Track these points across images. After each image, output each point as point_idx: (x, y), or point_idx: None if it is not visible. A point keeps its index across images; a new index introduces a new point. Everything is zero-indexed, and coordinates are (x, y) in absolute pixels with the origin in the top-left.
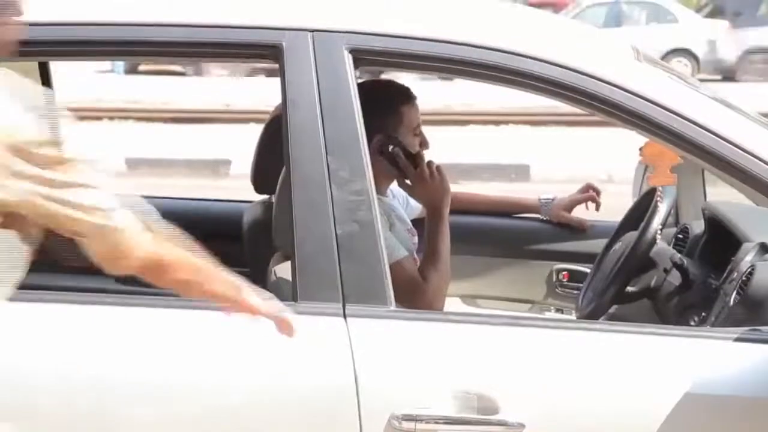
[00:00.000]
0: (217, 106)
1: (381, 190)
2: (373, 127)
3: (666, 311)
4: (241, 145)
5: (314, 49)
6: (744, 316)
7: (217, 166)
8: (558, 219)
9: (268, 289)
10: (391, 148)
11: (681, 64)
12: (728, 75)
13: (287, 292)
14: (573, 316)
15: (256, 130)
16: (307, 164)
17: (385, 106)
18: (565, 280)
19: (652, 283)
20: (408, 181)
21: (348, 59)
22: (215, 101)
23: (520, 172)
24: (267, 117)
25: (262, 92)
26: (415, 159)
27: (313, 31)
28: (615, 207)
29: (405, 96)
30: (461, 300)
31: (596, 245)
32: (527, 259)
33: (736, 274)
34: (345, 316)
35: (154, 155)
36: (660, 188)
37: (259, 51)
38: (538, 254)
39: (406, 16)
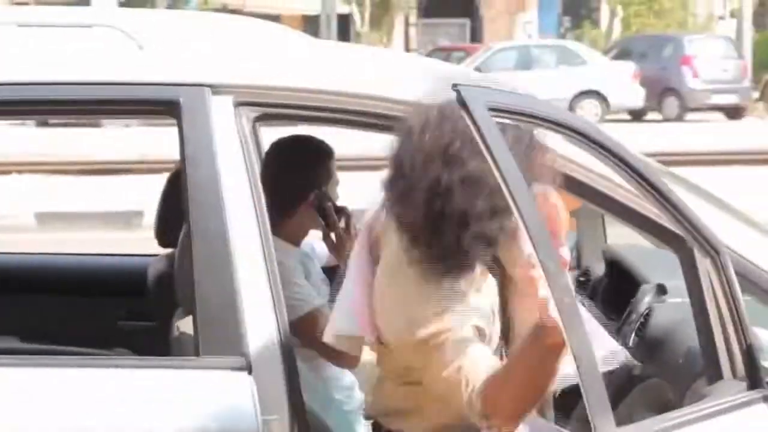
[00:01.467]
0: (132, 157)
1: (297, 241)
2: (308, 181)
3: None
4: (155, 196)
5: (211, 104)
6: (642, 358)
7: (129, 218)
8: None
9: (170, 345)
10: (325, 203)
11: (591, 105)
12: (637, 115)
13: (190, 347)
14: None
15: None
16: (207, 220)
17: (317, 161)
18: None
19: None
20: (333, 236)
21: (246, 114)
22: (130, 151)
23: None
24: None
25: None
26: (343, 215)
27: (210, 86)
28: None
29: (328, 151)
30: None
31: None
32: None
33: (634, 315)
34: (250, 370)
35: (66, 209)
36: None
37: (156, 107)
38: None
39: (306, 68)
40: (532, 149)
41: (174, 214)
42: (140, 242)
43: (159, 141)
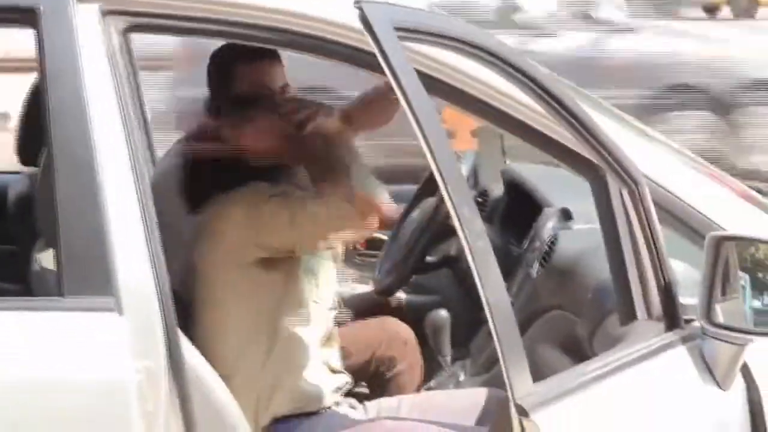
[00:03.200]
0: None
1: None
2: None
3: (467, 280)
4: (22, 97)
5: (75, 13)
6: (547, 288)
7: None
8: None
9: (30, 279)
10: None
11: None
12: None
13: (53, 285)
14: (370, 287)
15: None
16: (72, 145)
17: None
18: (362, 248)
19: (452, 251)
20: None
21: (115, 24)
22: None
23: None
24: None
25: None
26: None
27: None
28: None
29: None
30: None
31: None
32: None
33: (538, 242)
34: (120, 312)
35: None
36: (459, 152)
37: (11, 15)
38: None
39: None
40: None
41: (38, 131)
42: (5, 147)
43: (27, 36)
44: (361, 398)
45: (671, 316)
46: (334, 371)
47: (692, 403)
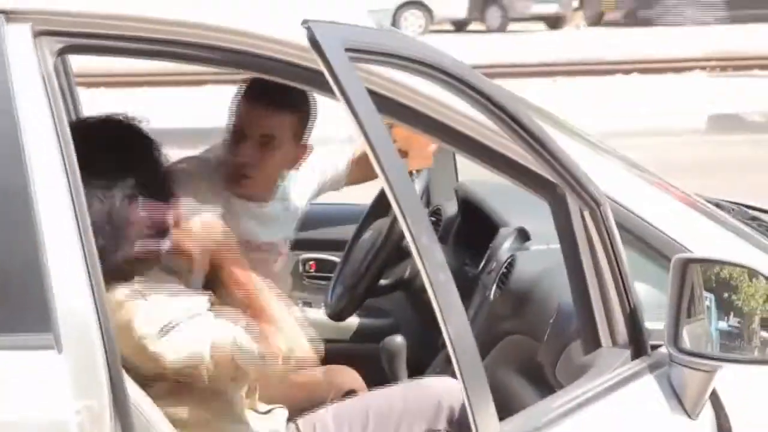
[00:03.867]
0: None
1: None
2: None
3: (420, 304)
4: None
5: (6, 34)
6: (505, 312)
7: None
8: None
9: None
10: None
11: (414, 16)
12: (460, 26)
13: None
14: (322, 311)
15: None
16: (4, 172)
17: None
18: (312, 270)
19: (406, 274)
20: None
21: (49, 45)
22: None
23: None
24: None
25: None
26: None
27: (4, 12)
28: None
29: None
30: None
31: (344, 232)
32: None
33: (495, 264)
34: (60, 349)
35: None
36: (413, 172)
37: None
38: None
39: None
40: None
41: None
42: None
43: None
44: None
45: (637, 342)
46: (263, 412)
47: None
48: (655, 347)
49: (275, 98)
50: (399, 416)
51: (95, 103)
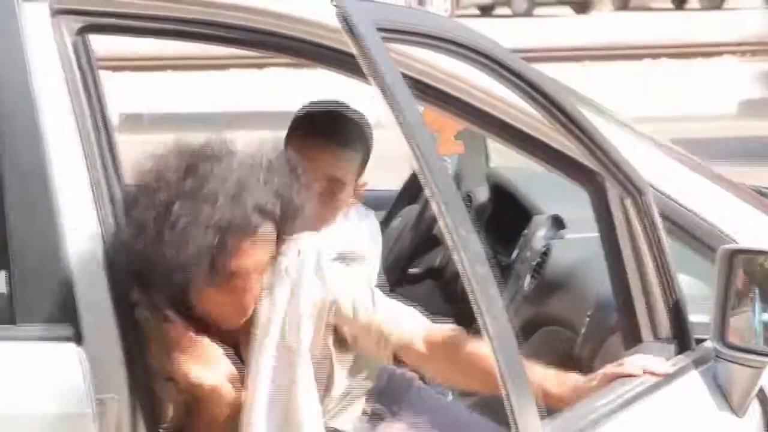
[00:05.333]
0: None
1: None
2: None
3: (452, 293)
4: None
5: (23, 12)
6: (540, 302)
7: None
8: None
9: None
10: None
11: (440, 0)
12: (486, 10)
13: (4, 312)
14: None
15: None
16: (22, 157)
17: None
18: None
19: (437, 262)
20: None
21: (67, 25)
22: None
23: None
24: None
25: None
26: None
27: None
28: None
29: None
30: None
31: None
32: None
33: (529, 252)
34: (79, 340)
35: None
36: (443, 157)
37: None
38: None
39: None
40: None
41: None
42: None
43: None
44: None
45: (682, 336)
46: None
47: None
48: (699, 341)
49: (346, 136)
50: None
51: (119, 87)
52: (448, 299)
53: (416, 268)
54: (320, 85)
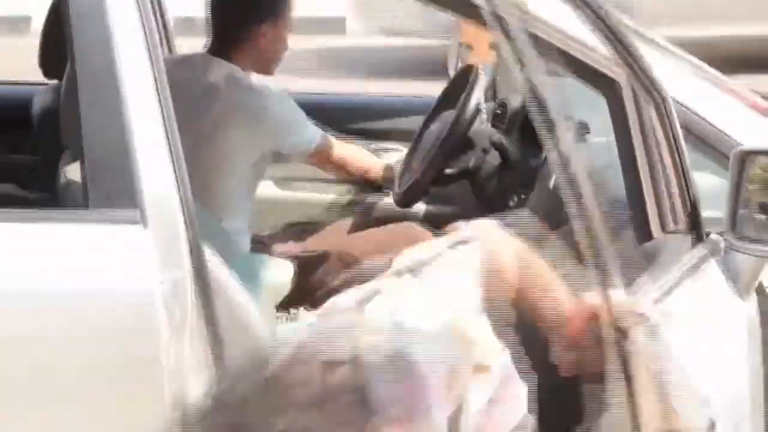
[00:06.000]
0: None
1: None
2: None
3: (485, 193)
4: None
5: None
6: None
7: (15, 23)
8: None
9: (56, 191)
10: None
11: None
12: None
13: (78, 197)
14: (390, 198)
15: None
16: (93, 56)
17: None
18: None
19: (471, 163)
20: None
21: None
22: None
23: None
24: None
25: None
26: None
27: None
28: None
29: None
30: (274, 183)
31: (413, 123)
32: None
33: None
34: (145, 223)
35: None
36: (479, 65)
37: None
38: (356, 132)
39: None
40: None
41: (59, 43)
42: (27, 49)
43: None
44: None
45: (697, 230)
46: None
47: (730, 316)
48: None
49: None
50: None
51: None
52: (480, 198)
53: (452, 169)
54: None
